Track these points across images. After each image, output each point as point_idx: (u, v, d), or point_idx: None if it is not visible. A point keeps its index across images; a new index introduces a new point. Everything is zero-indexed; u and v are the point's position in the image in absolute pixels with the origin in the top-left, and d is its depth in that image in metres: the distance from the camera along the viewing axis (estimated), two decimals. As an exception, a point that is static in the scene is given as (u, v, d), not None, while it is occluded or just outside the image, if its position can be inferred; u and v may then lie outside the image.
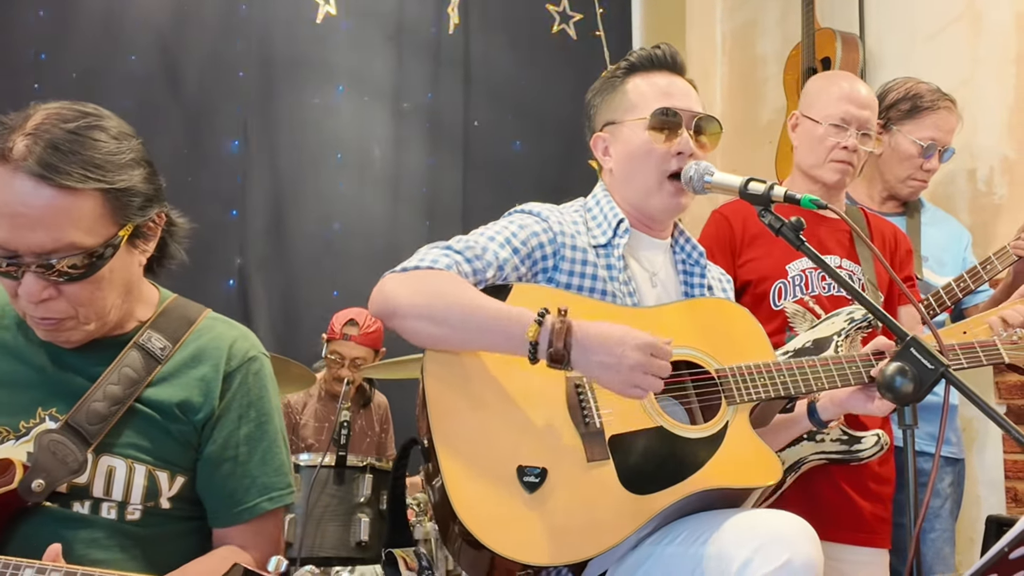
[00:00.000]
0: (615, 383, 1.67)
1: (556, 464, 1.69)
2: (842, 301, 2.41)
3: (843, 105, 2.50)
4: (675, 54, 2.05)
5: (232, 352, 1.70)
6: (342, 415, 3.27)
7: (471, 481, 1.66)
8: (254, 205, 4.33)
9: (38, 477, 1.50)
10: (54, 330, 1.55)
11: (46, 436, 1.53)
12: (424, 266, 1.79)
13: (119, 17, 4.10)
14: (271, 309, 4.29)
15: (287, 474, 1.75)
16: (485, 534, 1.61)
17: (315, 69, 4.51)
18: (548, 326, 1.65)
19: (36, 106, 1.53)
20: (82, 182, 1.44)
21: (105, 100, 1.73)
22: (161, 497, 1.62)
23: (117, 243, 1.51)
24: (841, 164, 2.49)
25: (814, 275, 2.45)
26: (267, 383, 1.75)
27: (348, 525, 3.09)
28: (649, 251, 2.05)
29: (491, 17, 4.91)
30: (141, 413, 1.60)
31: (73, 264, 1.46)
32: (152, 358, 1.63)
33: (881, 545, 2.41)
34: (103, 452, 1.57)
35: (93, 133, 1.50)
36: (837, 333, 2.20)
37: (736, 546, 1.58)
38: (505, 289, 1.83)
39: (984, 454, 3.39)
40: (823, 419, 1.98)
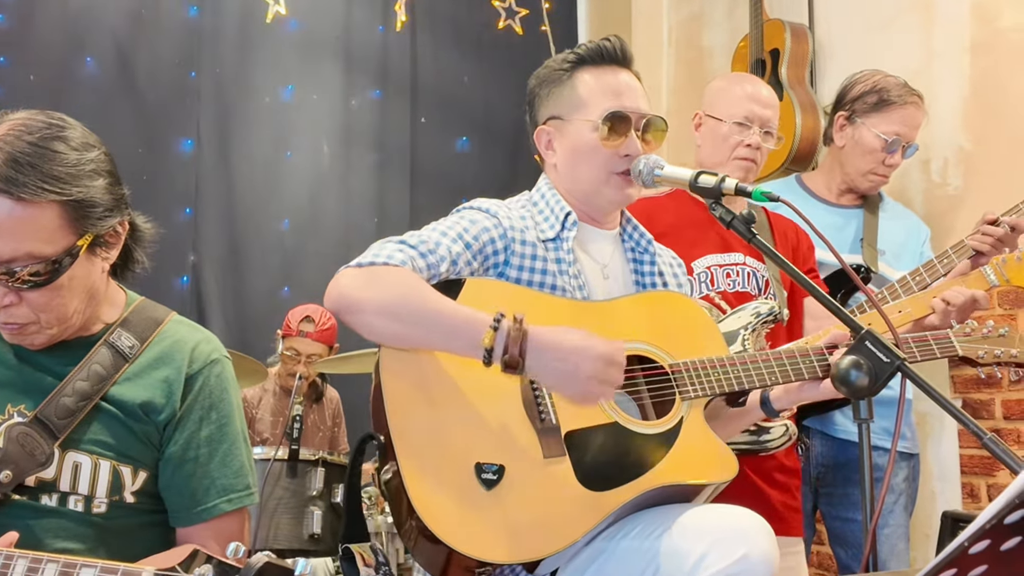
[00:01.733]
0: (569, 391, 1.70)
1: (513, 461, 1.70)
2: (746, 297, 2.48)
3: (746, 104, 2.57)
4: (624, 47, 2.04)
5: (194, 355, 1.75)
6: (294, 409, 3.41)
7: (429, 478, 1.67)
8: (207, 203, 4.43)
9: (6, 468, 1.56)
10: (17, 334, 1.62)
11: (15, 429, 1.59)
12: (380, 262, 1.79)
13: (76, 21, 4.20)
14: (224, 306, 4.38)
15: (247, 476, 1.79)
16: (443, 531, 1.62)
17: (265, 68, 4.61)
18: (504, 331, 1.66)
19: (4, 114, 1.59)
20: (39, 194, 1.50)
21: (62, 101, 1.76)
22: (125, 491, 1.67)
23: (76, 252, 1.57)
24: (745, 161, 2.56)
25: (719, 272, 2.51)
26: (228, 386, 1.80)
27: (301, 518, 3.24)
28: (598, 243, 2.06)
29: (437, 15, 5.01)
30: (106, 411, 1.67)
31: (34, 272, 1.53)
32: (121, 356, 1.70)
33: (795, 534, 2.47)
34: (69, 448, 1.63)
35: (54, 144, 1.55)
36: (744, 327, 2.26)
37: (692, 541, 1.60)
38: (458, 284, 1.84)
39: (940, 449, 3.44)
40: (776, 408, 1.99)
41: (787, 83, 3.87)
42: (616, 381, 1.70)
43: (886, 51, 3.67)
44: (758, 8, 4.09)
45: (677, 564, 1.59)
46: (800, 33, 3.99)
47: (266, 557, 1.24)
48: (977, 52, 3.44)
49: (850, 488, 2.85)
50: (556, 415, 1.76)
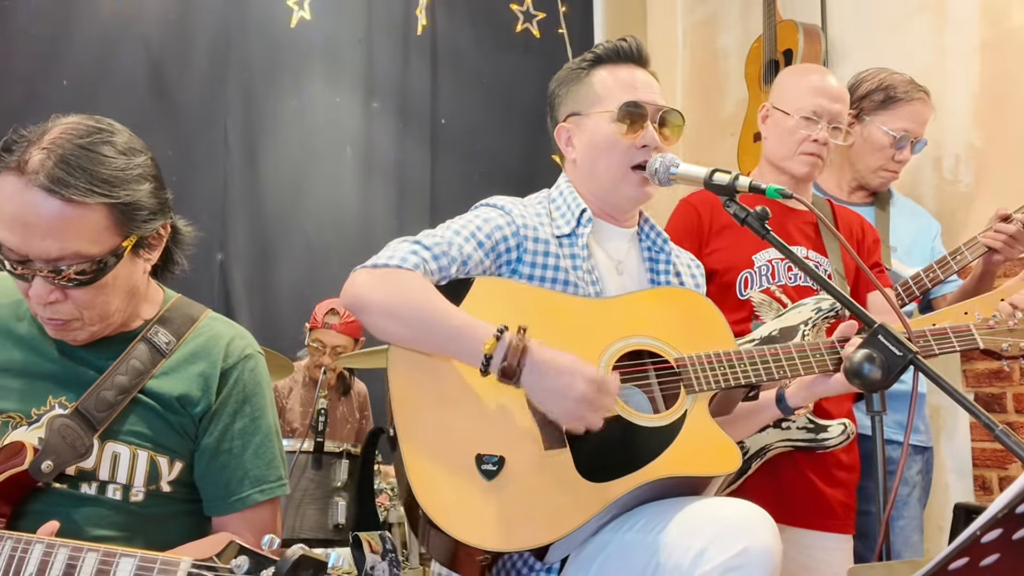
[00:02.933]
0: (558, 411, 1.71)
1: (513, 452, 1.72)
2: (808, 291, 2.42)
3: (815, 98, 2.50)
4: (640, 47, 2.05)
5: (229, 350, 1.78)
6: (319, 403, 3.44)
7: (432, 469, 1.70)
8: (234, 203, 4.46)
9: (48, 459, 1.58)
10: (61, 329, 1.65)
11: (56, 420, 1.61)
12: (393, 264, 1.82)
13: (107, 27, 4.24)
14: (251, 302, 4.41)
15: (279, 467, 1.82)
16: (444, 520, 1.64)
17: (290, 72, 4.64)
18: (505, 342, 1.69)
19: (56, 119, 1.61)
20: (88, 196, 1.53)
21: (94, 105, 1.78)
22: (161, 481, 1.70)
23: (121, 253, 1.60)
24: (811, 157, 2.49)
25: (780, 265, 2.46)
26: (261, 380, 1.83)
27: (326, 509, 3.24)
28: (614, 240, 2.06)
29: (457, 18, 5.02)
30: (144, 403, 1.69)
31: (80, 271, 1.56)
32: (158, 352, 1.73)
33: (846, 531, 2.44)
34: (109, 438, 1.66)
35: (103, 149, 1.58)
36: (804, 322, 2.21)
37: (693, 534, 1.60)
38: (467, 283, 1.86)
39: (953, 442, 3.42)
40: (791, 406, 1.99)
41: (800, 83, 3.85)
42: (606, 409, 1.71)
43: (897, 51, 3.65)
44: (771, 9, 4.07)
45: (678, 557, 1.59)
46: (813, 34, 3.97)
47: (301, 549, 1.24)
48: (987, 51, 3.41)
49: (866, 481, 2.83)
50: None
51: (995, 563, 1.08)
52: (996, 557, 1.07)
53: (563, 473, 1.72)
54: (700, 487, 1.78)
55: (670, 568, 1.60)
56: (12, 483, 1.58)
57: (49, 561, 1.43)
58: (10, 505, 1.59)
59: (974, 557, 1.06)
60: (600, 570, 1.72)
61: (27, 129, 1.59)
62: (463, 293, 1.83)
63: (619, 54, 2.03)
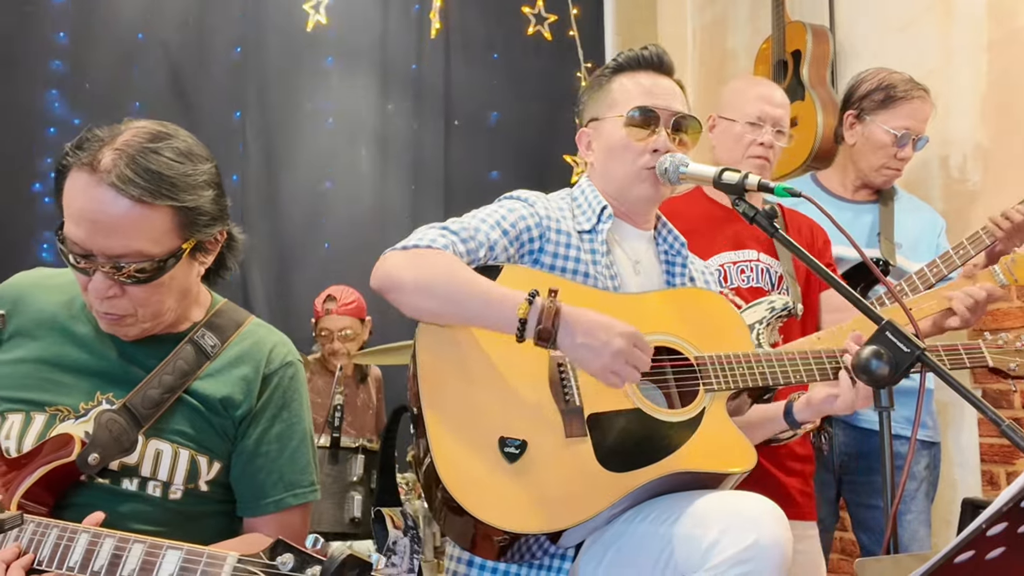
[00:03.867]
0: (596, 367, 1.71)
1: (536, 437, 1.73)
2: (760, 292, 2.48)
3: (759, 104, 2.60)
4: (662, 55, 2.08)
5: (272, 356, 1.80)
6: (336, 399, 3.46)
7: (455, 447, 1.71)
8: (253, 205, 4.49)
9: (94, 452, 1.60)
10: (115, 324, 1.67)
11: (104, 415, 1.64)
12: (423, 245, 1.84)
13: (128, 31, 4.28)
14: (269, 302, 4.45)
15: (312, 473, 1.83)
16: (464, 497, 1.65)
17: (306, 75, 4.66)
18: (537, 306, 1.70)
19: (128, 122, 1.65)
20: (156, 198, 1.56)
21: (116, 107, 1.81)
22: (200, 480, 1.72)
23: (180, 255, 1.63)
24: (759, 160, 2.57)
25: (732, 269, 2.52)
26: (300, 387, 1.84)
27: (342, 503, 3.26)
28: (633, 241, 2.08)
29: (470, 21, 5.03)
30: (188, 403, 1.72)
31: (140, 269, 1.58)
32: (203, 354, 1.75)
33: (809, 518, 2.49)
34: (153, 436, 1.68)
35: (172, 154, 1.61)
36: (758, 321, 2.26)
37: (705, 526, 1.61)
38: (496, 269, 1.88)
39: (960, 437, 3.40)
40: (798, 420, 1.99)
41: (809, 83, 3.84)
42: (641, 363, 1.71)
43: (905, 51, 3.63)
44: (780, 11, 4.06)
45: (691, 549, 1.60)
46: (821, 34, 3.95)
47: (348, 550, 1.23)
48: (994, 51, 3.39)
49: (872, 476, 2.83)
50: (580, 397, 1.79)
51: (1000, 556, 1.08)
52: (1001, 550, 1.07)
53: (583, 461, 1.73)
54: (715, 483, 1.79)
55: (682, 559, 1.61)
56: (58, 473, 1.60)
57: (95, 550, 1.45)
58: (54, 496, 1.61)
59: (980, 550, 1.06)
60: (614, 559, 1.73)
61: (99, 129, 1.62)
62: (492, 278, 1.84)
63: (640, 62, 2.06)
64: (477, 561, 1.81)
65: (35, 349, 1.73)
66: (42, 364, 1.72)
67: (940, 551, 1.06)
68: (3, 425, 1.68)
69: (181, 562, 1.39)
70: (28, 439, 1.66)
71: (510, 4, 5.03)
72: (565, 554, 1.79)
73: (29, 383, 1.70)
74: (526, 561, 1.78)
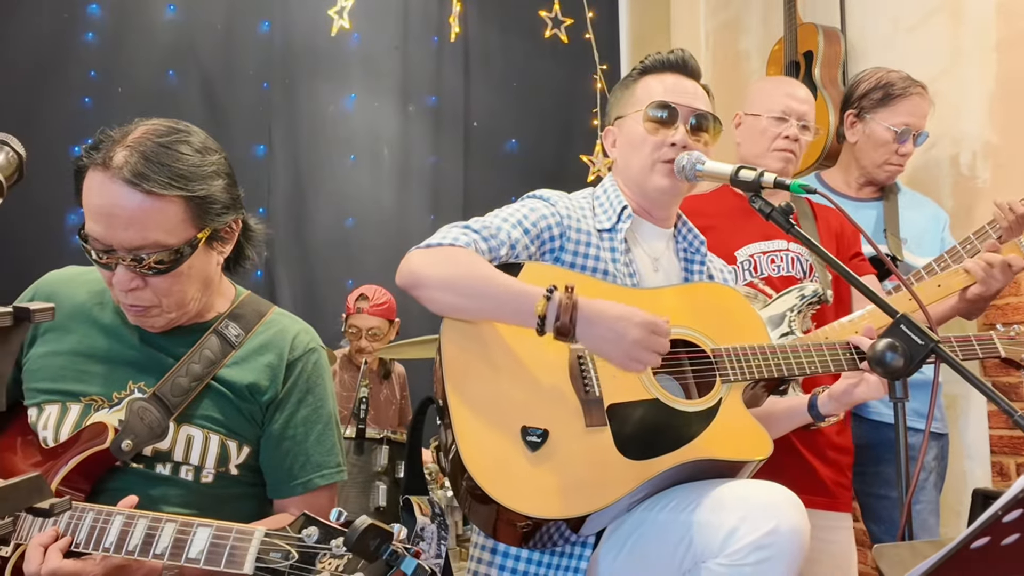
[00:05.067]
0: (616, 356, 1.71)
1: (557, 426, 1.73)
2: (790, 281, 2.47)
3: (784, 100, 2.60)
4: (687, 58, 2.09)
5: (295, 343, 1.83)
6: (361, 391, 3.46)
7: (479, 436, 1.71)
8: (278, 203, 4.52)
9: (127, 438, 1.63)
10: (141, 316, 1.70)
11: (136, 403, 1.67)
12: (446, 243, 1.86)
13: (159, 38, 4.33)
14: (294, 297, 4.46)
15: (338, 454, 1.86)
16: (489, 484, 1.66)
17: (330, 78, 4.69)
18: (556, 302, 1.70)
19: (138, 121, 1.68)
20: (167, 189, 1.59)
21: (146, 110, 1.84)
22: (230, 463, 1.75)
23: (196, 243, 1.65)
24: (783, 152, 2.57)
25: (763, 259, 2.51)
26: (323, 373, 1.87)
27: (368, 492, 3.30)
28: (652, 238, 2.09)
29: (488, 25, 5.06)
30: (216, 390, 1.75)
31: (159, 260, 1.61)
32: (228, 343, 1.78)
33: (844, 509, 2.46)
34: (184, 422, 1.71)
35: (180, 147, 1.64)
36: (789, 309, 2.26)
37: (724, 514, 1.61)
38: (517, 267, 1.89)
39: (969, 429, 3.38)
40: (823, 413, 1.98)
41: (821, 83, 3.82)
42: (660, 348, 1.71)
43: (915, 51, 3.61)
44: (792, 12, 4.04)
45: (710, 536, 1.60)
46: (833, 35, 3.94)
47: (369, 520, 1.25)
48: (1003, 51, 3.37)
49: (882, 467, 2.82)
50: (600, 388, 1.79)
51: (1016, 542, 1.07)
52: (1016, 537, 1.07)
53: (603, 449, 1.73)
54: (733, 471, 1.78)
55: (701, 546, 1.60)
56: (94, 460, 1.63)
57: (129, 531, 1.47)
58: (90, 482, 1.64)
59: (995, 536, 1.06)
60: (634, 547, 1.73)
61: (112, 129, 1.66)
62: (514, 275, 1.85)
63: (665, 64, 2.07)
64: (501, 548, 1.82)
65: (68, 342, 1.76)
66: (76, 356, 1.75)
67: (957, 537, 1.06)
68: (40, 416, 1.71)
69: (211, 538, 1.42)
70: (64, 428, 1.69)
71: (527, 8, 5.03)
72: (586, 541, 1.79)
73: (64, 375, 1.73)
74: (548, 548, 1.78)
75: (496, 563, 1.82)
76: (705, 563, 1.60)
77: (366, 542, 1.24)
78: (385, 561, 1.26)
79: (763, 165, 2.50)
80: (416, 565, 1.25)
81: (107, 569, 1.48)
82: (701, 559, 1.61)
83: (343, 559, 1.30)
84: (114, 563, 1.48)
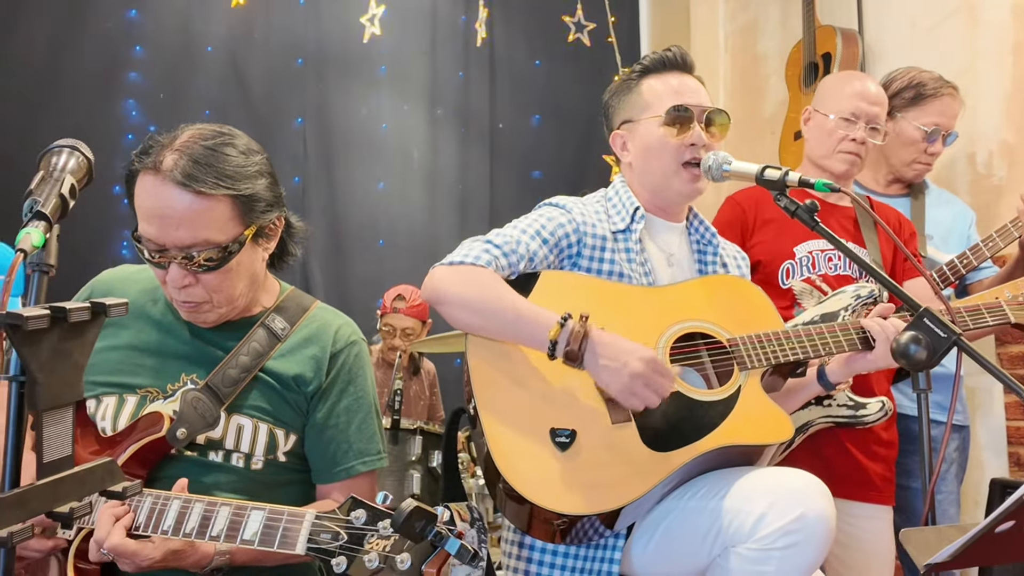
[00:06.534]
0: (615, 387, 1.72)
1: (584, 426, 1.75)
2: (847, 280, 2.43)
3: (854, 101, 2.52)
4: (684, 55, 2.08)
5: (337, 336, 1.86)
6: (395, 383, 3.49)
7: (511, 443, 1.73)
8: (313, 204, 4.57)
9: (182, 427, 1.67)
10: (193, 311, 1.73)
11: (189, 394, 1.71)
12: (468, 261, 1.87)
13: (198, 48, 4.40)
14: (328, 294, 4.48)
15: (378, 442, 1.88)
16: (524, 488, 1.68)
17: (362, 83, 4.74)
18: (568, 329, 1.73)
19: (183, 127, 1.71)
20: (215, 189, 1.62)
21: (186, 113, 1.86)
22: (278, 451, 1.78)
23: (243, 240, 1.68)
24: (849, 155, 2.51)
25: (821, 256, 2.47)
26: (364, 364, 1.90)
27: (402, 480, 3.33)
28: (665, 234, 2.09)
29: (513, 30, 5.10)
30: (264, 381, 1.78)
31: (208, 257, 1.64)
32: (274, 336, 1.81)
33: (886, 502, 2.44)
34: (234, 412, 1.74)
35: (226, 149, 1.67)
36: (844, 308, 2.22)
37: (752, 500, 1.61)
38: (534, 276, 1.91)
39: (988, 422, 3.37)
40: (832, 382, 1.99)
41: (839, 84, 3.81)
42: (660, 389, 1.71)
43: (932, 52, 3.59)
44: (810, 15, 4.04)
45: (739, 522, 1.61)
46: (850, 37, 3.92)
47: (414, 502, 1.26)
48: (1018, 52, 3.35)
49: (903, 458, 2.81)
50: None
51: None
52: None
53: (630, 444, 1.75)
54: (756, 456, 1.80)
55: (732, 532, 1.62)
56: (150, 448, 1.67)
57: (186, 514, 1.50)
58: (146, 469, 1.67)
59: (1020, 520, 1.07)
60: (665, 534, 1.75)
61: (160, 135, 1.69)
62: (531, 285, 1.87)
63: (665, 63, 2.06)
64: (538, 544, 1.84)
65: (125, 337, 1.80)
66: (131, 351, 1.79)
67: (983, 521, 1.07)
68: (99, 407, 1.75)
69: (264, 520, 1.44)
70: (122, 419, 1.73)
71: (551, 13, 5.05)
72: (619, 534, 1.80)
73: (121, 368, 1.77)
74: (583, 543, 1.80)
75: (535, 559, 1.84)
76: (735, 548, 1.61)
77: (412, 523, 1.25)
78: (430, 542, 1.28)
79: (827, 166, 2.52)
80: (460, 545, 1.27)
81: (165, 553, 1.51)
82: (731, 544, 1.62)
83: (390, 540, 1.32)
84: (171, 547, 1.51)
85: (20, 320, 0.97)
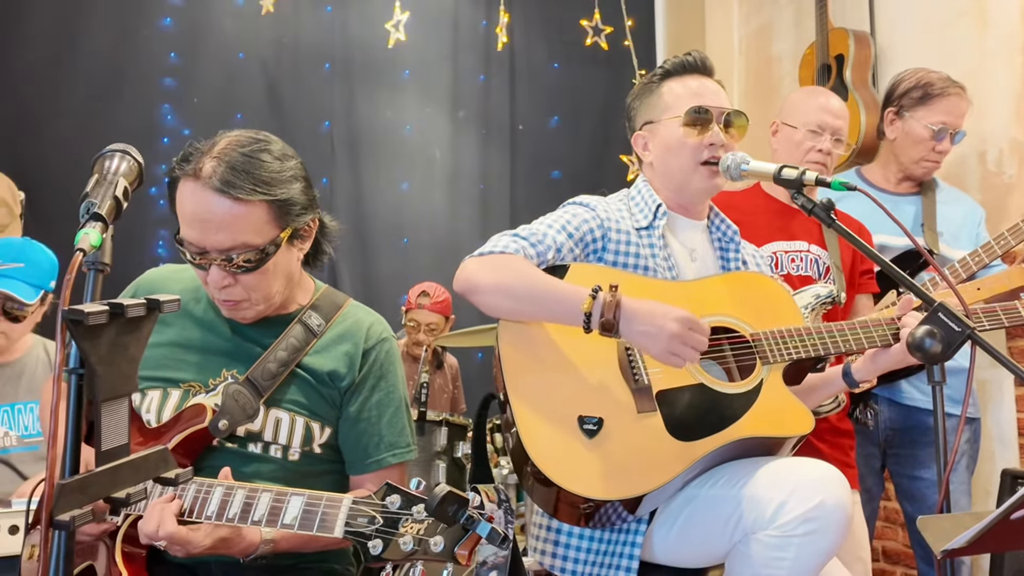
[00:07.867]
0: (656, 350, 1.72)
1: (611, 414, 1.77)
2: (808, 280, 2.49)
3: (820, 114, 2.61)
4: (704, 59, 2.09)
5: (370, 333, 1.89)
6: (422, 377, 3.50)
7: (540, 429, 1.75)
8: (341, 205, 4.61)
9: (223, 418, 1.70)
10: (233, 309, 1.77)
11: (231, 387, 1.74)
12: (497, 251, 1.89)
13: (231, 55, 4.46)
14: (355, 291, 4.52)
15: (408, 435, 1.91)
16: (553, 472, 1.70)
17: (387, 87, 4.78)
18: (600, 300, 1.73)
19: (222, 134, 1.74)
20: (252, 195, 1.65)
21: (219, 118, 1.89)
22: (314, 443, 1.81)
23: (279, 242, 1.71)
24: (816, 165, 2.57)
25: (784, 257, 2.54)
26: (395, 360, 1.92)
27: (428, 470, 3.35)
28: (688, 231, 2.10)
29: (533, 35, 5.13)
30: (301, 376, 1.81)
31: (247, 259, 1.67)
32: (311, 332, 1.84)
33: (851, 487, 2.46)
34: (272, 405, 1.78)
35: (262, 156, 1.70)
36: (804, 307, 2.25)
37: (773, 489, 1.63)
38: (563, 268, 1.92)
39: (999, 414, 3.36)
40: (856, 379, 2.00)
41: (852, 85, 3.81)
42: (698, 344, 1.72)
43: (942, 53, 3.58)
44: (823, 18, 4.02)
45: (760, 510, 1.62)
46: (863, 39, 3.91)
47: (447, 487, 1.28)
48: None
49: (916, 449, 2.82)
50: (648, 376, 1.82)
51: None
52: (1054, 508, 1.08)
53: (655, 433, 1.76)
54: (776, 447, 1.81)
55: (752, 519, 1.63)
56: (194, 438, 1.70)
57: (228, 500, 1.53)
58: (189, 459, 1.71)
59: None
60: (687, 521, 1.76)
61: (199, 142, 1.72)
62: (560, 276, 1.89)
63: (685, 67, 2.08)
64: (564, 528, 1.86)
65: (169, 334, 1.83)
66: (175, 347, 1.82)
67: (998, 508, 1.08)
68: (144, 400, 1.78)
69: (304, 505, 1.47)
70: (166, 411, 1.76)
71: (569, 18, 5.07)
72: (641, 519, 1.82)
73: (165, 363, 1.80)
74: (606, 527, 1.82)
75: (561, 541, 1.86)
76: (755, 534, 1.63)
77: (445, 507, 1.27)
78: (462, 525, 1.30)
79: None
80: (490, 528, 1.29)
81: (214, 540, 1.55)
82: (751, 531, 1.64)
83: (423, 523, 1.34)
84: (220, 534, 1.55)
85: (81, 315, 1.00)
